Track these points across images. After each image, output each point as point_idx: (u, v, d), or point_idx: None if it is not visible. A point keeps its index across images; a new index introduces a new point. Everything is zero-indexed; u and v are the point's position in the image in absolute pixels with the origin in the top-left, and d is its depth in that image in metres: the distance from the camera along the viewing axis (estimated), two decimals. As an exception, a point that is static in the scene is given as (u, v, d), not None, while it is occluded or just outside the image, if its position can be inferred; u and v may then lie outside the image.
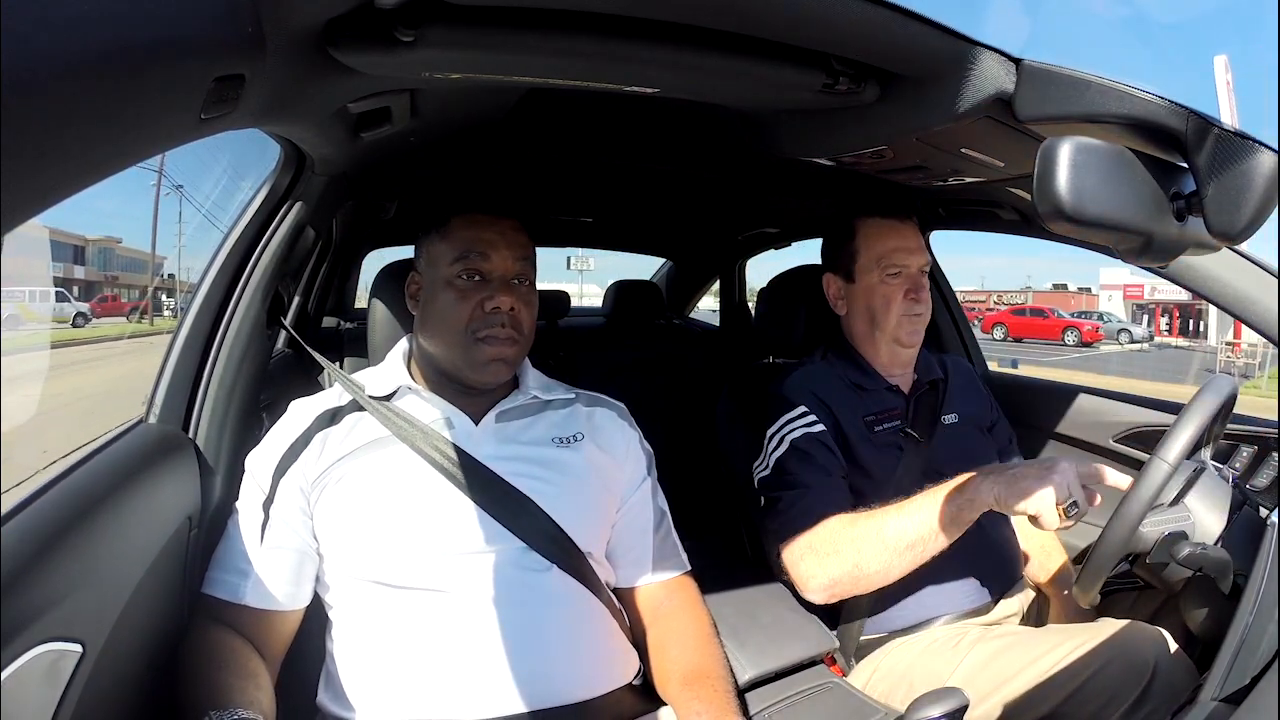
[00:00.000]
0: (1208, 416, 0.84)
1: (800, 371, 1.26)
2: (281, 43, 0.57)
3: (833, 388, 1.22)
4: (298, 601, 0.87)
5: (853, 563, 1.01)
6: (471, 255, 0.92)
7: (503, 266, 0.93)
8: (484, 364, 0.91)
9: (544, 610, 0.85)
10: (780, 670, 1.01)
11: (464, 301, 0.91)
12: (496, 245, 0.93)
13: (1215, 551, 0.82)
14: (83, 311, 11.24)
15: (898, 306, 1.20)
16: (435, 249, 0.94)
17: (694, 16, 0.63)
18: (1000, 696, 0.95)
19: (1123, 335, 23.67)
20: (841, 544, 1.03)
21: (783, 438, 1.17)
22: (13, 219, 0.36)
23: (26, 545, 0.59)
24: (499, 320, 0.91)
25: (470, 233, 0.93)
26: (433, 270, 0.94)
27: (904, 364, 1.27)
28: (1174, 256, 0.61)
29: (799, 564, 1.07)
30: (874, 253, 1.23)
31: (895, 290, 1.21)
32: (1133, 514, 0.83)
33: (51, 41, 0.34)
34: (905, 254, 1.22)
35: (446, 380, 0.96)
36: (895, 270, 1.21)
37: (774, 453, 1.18)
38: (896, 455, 1.18)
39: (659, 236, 2.58)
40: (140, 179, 5.43)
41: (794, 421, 1.18)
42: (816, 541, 1.06)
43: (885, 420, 1.21)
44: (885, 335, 1.23)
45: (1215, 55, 0.59)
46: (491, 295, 0.91)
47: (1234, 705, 0.63)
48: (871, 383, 1.24)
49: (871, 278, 1.23)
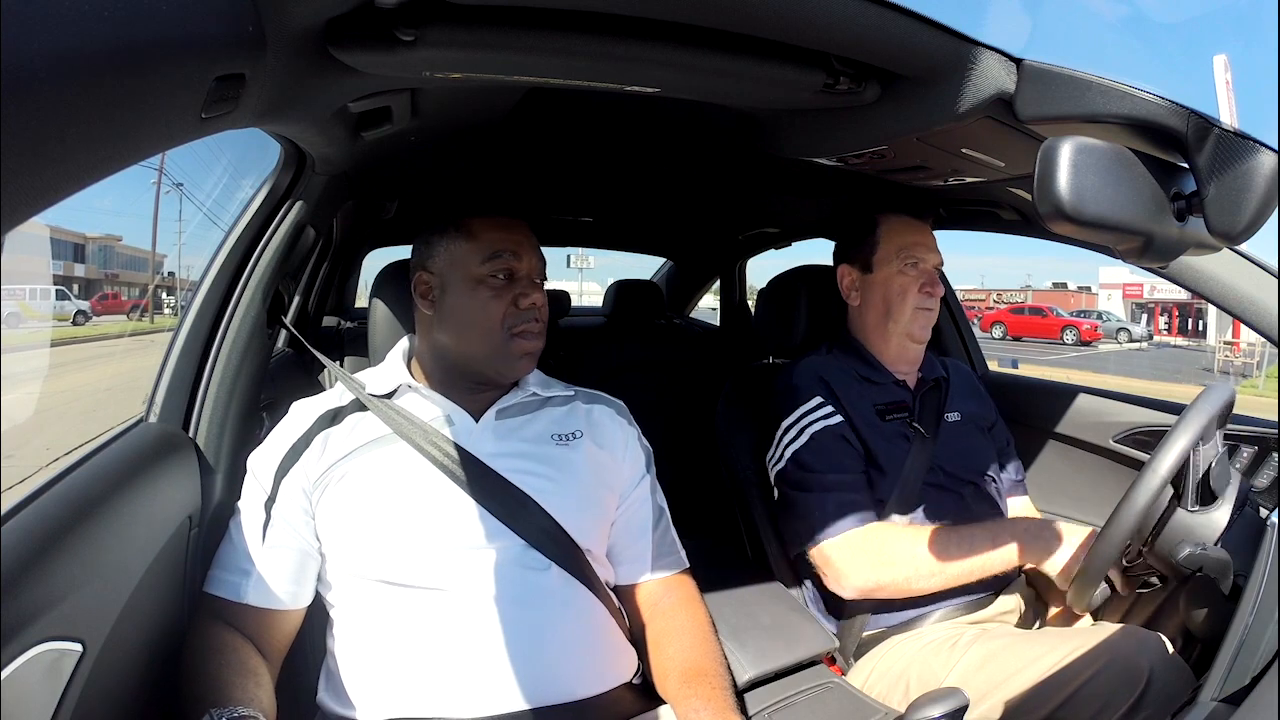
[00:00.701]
0: (1204, 423, 0.84)
1: (807, 361, 1.27)
2: (282, 42, 0.57)
3: (841, 378, 1.23)
4: (299, 601, 0.88)
5: (905, 576, 1.06)
6: (505, 255, 0.94)
7: (530, 265, 0.96)
8: (518, 358, 0.95)
9: (544, 608, 0.85)
10: (780, 670, 1.01)
11: (499, 300, 0.93)
12: (524, 245, 0.96)
13: (1215, 551, 0.82)
14: (83, 309, 11.25)
15: (913, 298, 1.23)
16: (458, 249, 0.95)
17: (695, 16, 0.63)
18: (997, 697, 0.95)
19: (1121, 334, 23.76)
20: (897, 557, 1.07)
21: (801, 429, 1.18)
22: (14, 217, 0.36)
23: (27, 544, 0.59)
24: (532, 315, 0.95)
25: (498, 234, 0.95)
26: (457, 271, 0.95)
27: (911, 360, 1.28)
28: (1174, 257, 0.61)
29: (838, 560, 1.10)
30: (895, 244, 1.26)
31: (912, 282, 1.24)
32: (1126, 523, 0.83)
33: (52, 41, 0.34)
34: (925, 249, 1.26)
35: (457, 379, 0.96)
36: (914, 261, 1.24)
37: (791, 444, 1.19)
38: (905, 448, 1.19)
39: (659, 236, 2.58)
40: (140, 177, 5.44)
41: (812, 413, 1.19)
42: (866, 544, 1.09)
43: (894, 412, 1.22)
44: (898, 327, 1.24)
45: (1214, 55, 0.59)
46: (525, 292, 0.94)
47: (1234, 705, 0.63)
48: (878, 376, 1.25)
49: (890, 268, 1.25)
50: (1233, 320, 1.07)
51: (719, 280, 2.66)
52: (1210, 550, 0.82)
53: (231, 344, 0.98)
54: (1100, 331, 23.17)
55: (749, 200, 1.87)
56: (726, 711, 0.84)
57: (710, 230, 2.34)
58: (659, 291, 2.30)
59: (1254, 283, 0.99)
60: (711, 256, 2.59)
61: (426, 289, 0.97)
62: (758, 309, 1.52)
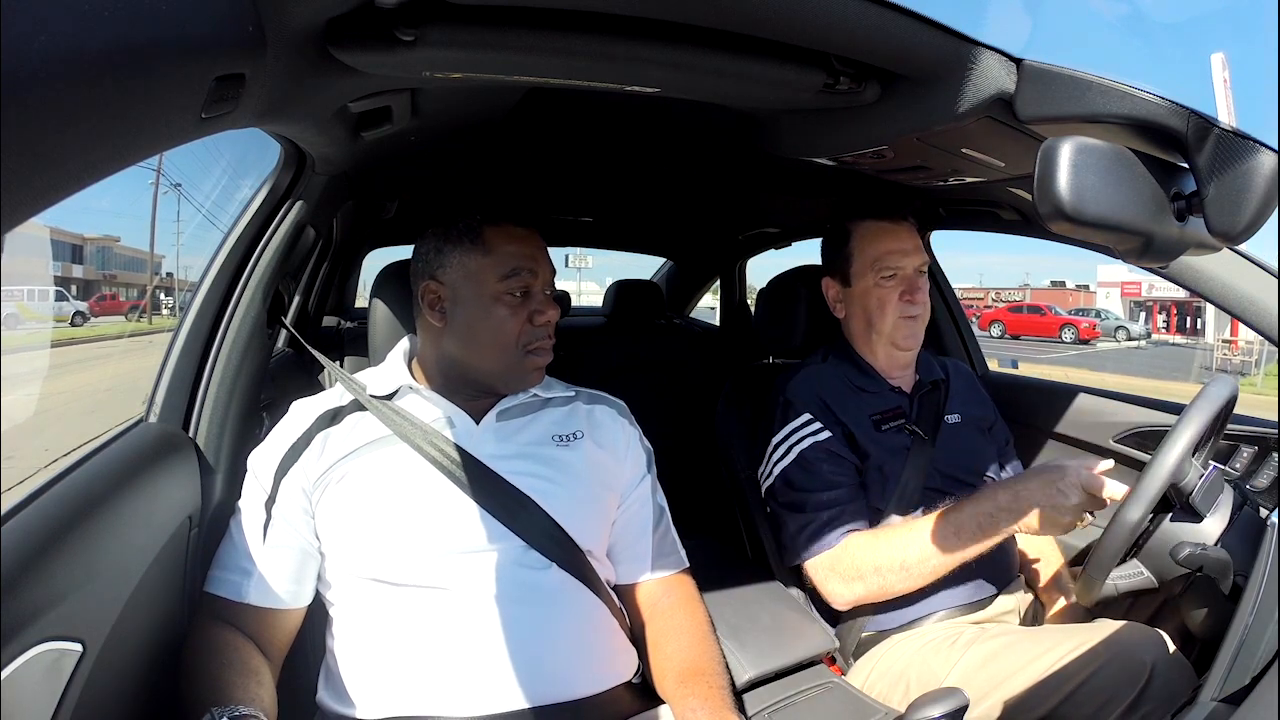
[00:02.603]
0: (1210, 417, 0.85)
1: (804, 373, 1.26)
2: (282, 42, 0.57)
3: (837, 390, 1.23)
4: (299, 600, 0.88)
5: (878, 585, 1.07)
6: (522, 272, 0.93)
7: (545, 279, 0.96)
8: (530, 373, 0.95)
9: (544, 608, 0.85)
10: (780, 670, 1.01)
11: (515, 317, 0.93)
12: (539, 259, 0.95)
13: (1215, 551, 0.82)
14: (81, 310, 11.27)
15: (893, 309, 1.21)
16: (472, 262, 0.93)
17: (695, 16, 0.63)
18: (998, 696, 0.95)
19: (1120, 332, 23.80)
20: (864, 569, 1.07)
21: (789, 447, 1.18)
22: (13, 218, 0.36)
23: (27, 544, 0.59)
24: (546, 332, 0.95)
25: (515, 248, 0.94)
26: (471, 285, 0.93)
27: (903, 366, 1.27)
28: (1175, 257, 0.61)
29: (824, 584, 1.12)
30: (868, 256, 1.23)
31: (890, 293, 1.21)
32: (1134, 514, 0.83)
33: (52, 41, 0.34)
34: (899, 256, 1.22)
35: (464, 384, 0.96)
36: (890, 273, 1.21)
37: (779, 462, 1.19)
38: (903, 454, 1.18)
39: (659, 236, 2.59)
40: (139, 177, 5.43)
41: (800, 430, 1.18)
42: (839, 566, 1.10)
43: (890, 419, 1.22)
44: (882, 338, 1.23)
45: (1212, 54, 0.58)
46: (541, 310, 0.94)
47: (1234, 705, 0.63)
48: (873, 385, 1.25)
49: (866, 281, 1.23)
50: (1231, 318, 1.07)
51: (719, 280, 2.66)
52: (1210, 550, 0.82)
53: (231, 344, 0.98)
54: (1098, 330, 23.24)
55: (749, 200, 1.87)
56: (723, 711, 0.84)
57: (710, 230, 2.35)
58: (659, 291, 2.30)
59: (1254, 283, 0.99)
60: (711, 256, 2.59)
61: (436, 299, 0.94)
62: (757, 309, 1.53)
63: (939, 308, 1.71)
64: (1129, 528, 0.83)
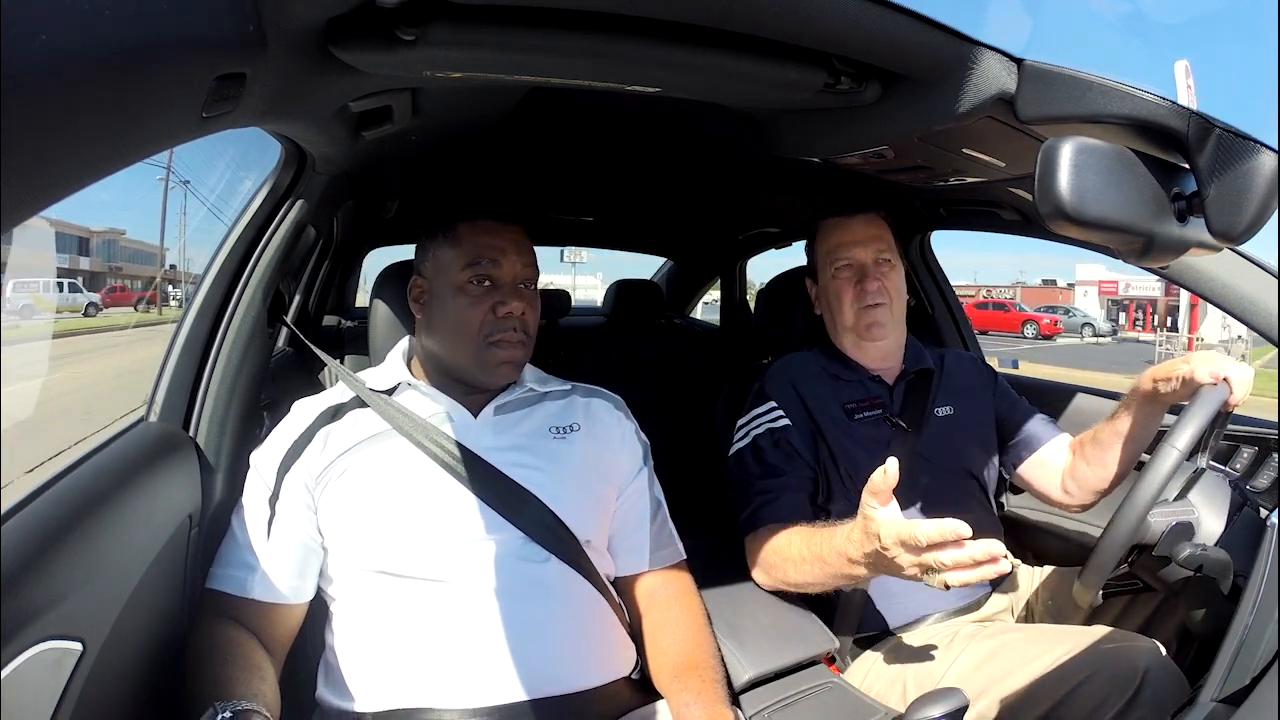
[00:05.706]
0: (1213, 410, 0.85)
1: (783, 360, 1.28)
2: (283, 42, 0.57)
3: (811, 375, 1.23)
4: (302, 595, 0.88)
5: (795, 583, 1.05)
6: (483, 262, 0.93)
7: (512, 272, 0.95)
8: (495, 366, 0.94)
9: (543, 601, 0.86)
10: (780, 670, 1.01)
11: (476, 307, 0.93)
12: (506, 252, 0.95)
13: (1215, 552, 0.82)
14: (94, 301, 11.53)
15: (850, 300, 1.21)
16: (443, 255, 0.95)
17: (695, 16, 0.63)
18: (994, 696, 0.95)
19: (1086, 329, 24.21)
20: (778, 562, 1.06)
21: (747, 432, 1.20)
22: (15, 216, 0.36)
23: (27, 543, 0.59)
24: (511, 325, 0.94)
25: (481, 239, 0.94)
26: (441, 276, 0.95)
27: (877, 357, 1.25)
28: (1175, 257, 0.61)
29: (753, 570, 1.12)
30: (823, 250, 1.26)
31: (845, 284, 1.22)
32: (1138, 508, 0.82)
33: (53, 40, 0.34)
34: (849, 246, 1.23)
35: (451, 379, 0.97)
36: (843, 263, 1.23)
37: (736, 444, 1.21)
38: (880, 444, 1.17)
39: (660, 236, 2.58)
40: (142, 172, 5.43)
41: (762, 416, 1.20)
42: (762, 555, 1.09)
43: (866, 409, 1.21)
44: (846, 330, 1.24)
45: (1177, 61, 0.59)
46: (504, 301, 0.93)
47: (1234, 706, 0.63)
48: (850, 374, 1.24)
49: (826, 274, 1.26)
50: (1191, 316, 1.07)
51: (719, 280, 2.66)
52: (1210, 550, 0.82)
53: (232, 343, 0.98)
54: (1061, 326, 23.78)
55: (749, 200, 1.87)
56: (717, 704, 0.84)
57: (710, 230, 2.34)
58: (659, 291, 2.30)
59: (1254, 283, 0.99)
60: (711, 256, 2.59)
61: (419, 293, 0.98)
62: (757, 309, 1.52)
63: (937, 304, 1.71)
64: (1133, 520, 0.83)
